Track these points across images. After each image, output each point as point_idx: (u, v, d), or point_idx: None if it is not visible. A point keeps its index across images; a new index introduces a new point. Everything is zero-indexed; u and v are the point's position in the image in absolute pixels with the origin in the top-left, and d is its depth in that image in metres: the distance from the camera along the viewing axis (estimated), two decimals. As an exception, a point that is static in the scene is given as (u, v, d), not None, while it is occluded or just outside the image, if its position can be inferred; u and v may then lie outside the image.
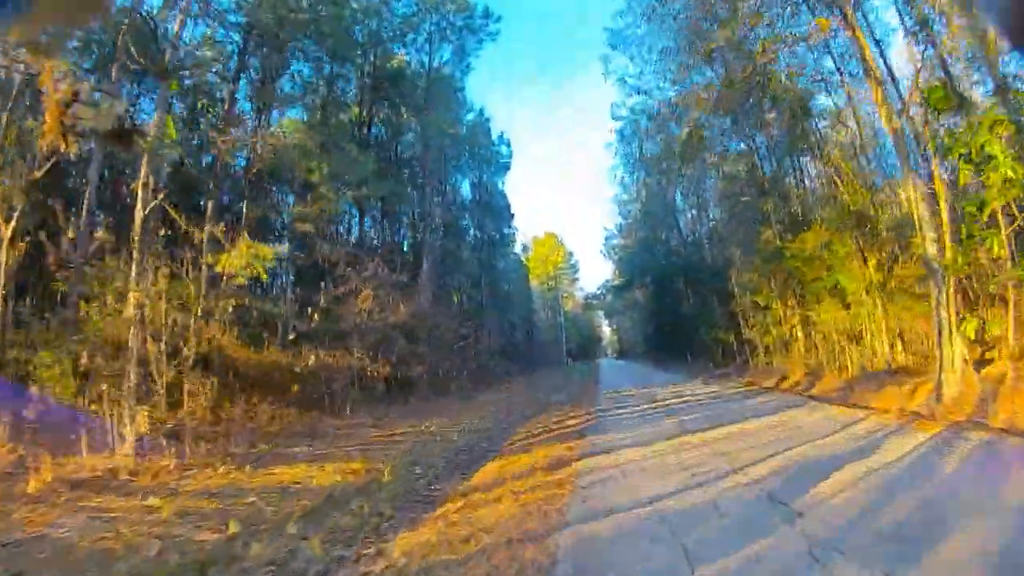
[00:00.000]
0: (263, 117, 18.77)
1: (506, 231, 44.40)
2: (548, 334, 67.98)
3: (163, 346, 10.81)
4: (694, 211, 32.99)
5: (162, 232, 12.28)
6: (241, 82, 16.52)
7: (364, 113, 23.45)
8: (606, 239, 42.90)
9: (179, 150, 12.71)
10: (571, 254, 76.66)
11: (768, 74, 13.89)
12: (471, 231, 37.54)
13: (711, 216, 30.79)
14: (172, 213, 12.00)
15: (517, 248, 52.38)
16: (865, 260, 12.25)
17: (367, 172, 15.81)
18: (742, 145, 19.42)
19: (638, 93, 19.23)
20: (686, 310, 34.29)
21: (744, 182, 21.85)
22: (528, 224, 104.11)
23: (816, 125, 16.21)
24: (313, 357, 13.15)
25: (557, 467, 6.42)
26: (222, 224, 13.57)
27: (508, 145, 39.21)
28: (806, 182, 19.55)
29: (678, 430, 8.22)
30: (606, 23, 19.15)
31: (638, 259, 36.22)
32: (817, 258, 14.01)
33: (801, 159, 18.82)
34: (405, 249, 27.97)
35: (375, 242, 24.97)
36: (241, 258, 13.10)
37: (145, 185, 12.20)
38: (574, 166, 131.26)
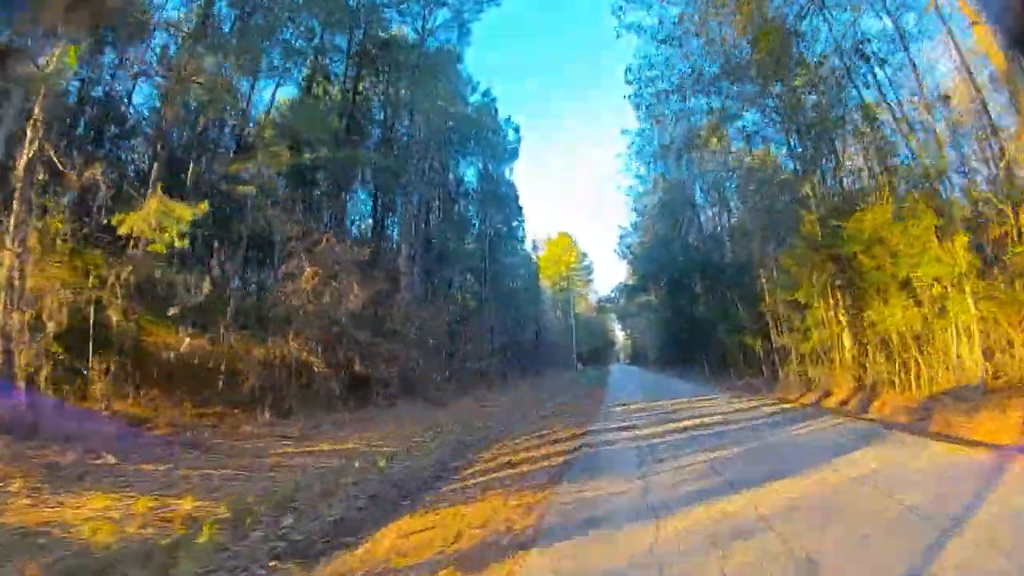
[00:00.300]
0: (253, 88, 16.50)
1: (514, 224, 41.71)
2: (559, 337, 65.11)
3: (26, 316, 8.48)
4: (715, 208, 29.88)
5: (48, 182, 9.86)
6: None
7: (352, 85, 20.92)
8: (620, 237, 39.89)
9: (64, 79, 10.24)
10: (584, 255, 73.75)
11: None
12: (475, 222, 34.87)
13: (733, 211, 27.62)
14: (55, 159, 9.52)
15: (527, 245, 49.64)
16: (951, 241, 9.19)
17: (330, 130, 13.28)
18: (774, 114, 16.33)
19: (659, 42, 16.18)
20: (704, 313, 31.11)
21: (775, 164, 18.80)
22: (541, 226, 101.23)
23: (873, 72, 13.11)
24: (241, 346, 10.55)
25: (494, 554, 3.62)
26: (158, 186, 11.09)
27: (517, 131, 36.52)
28: (846, 162, 16.44)
29: (710, 482, 5.18)
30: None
31: (655, 254, 33.16)
32: (878, 241, 10.99)
33: (845, 129, 15.69)
34: (394, 234, 25.48)
35: (356, 223, 22.45)
36: (150, 218, 10.59)
37: (34, 123, 9.81)
38: (589, 169, 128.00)
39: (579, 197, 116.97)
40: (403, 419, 11.67)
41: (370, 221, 24.16)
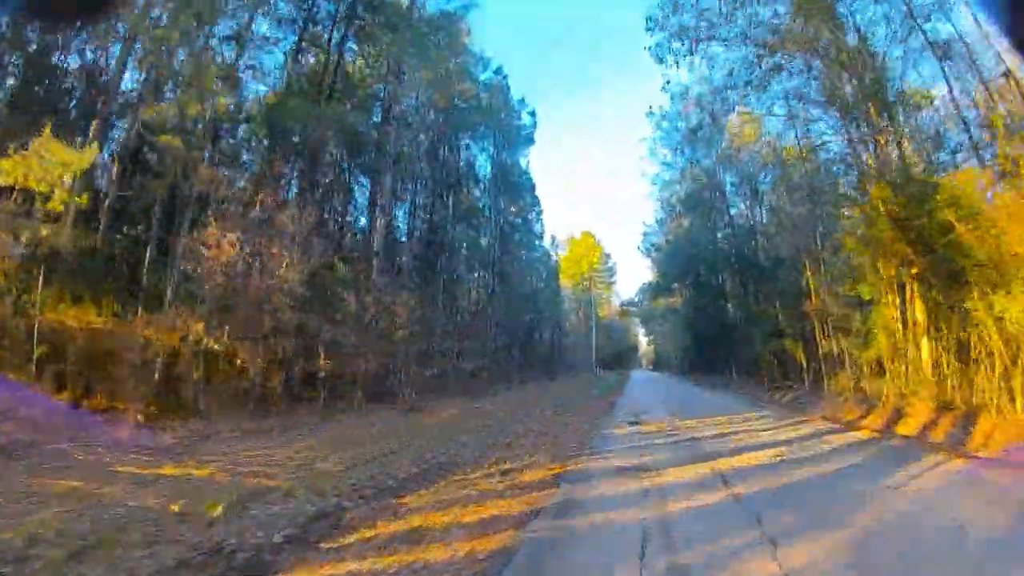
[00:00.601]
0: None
1: (530, 217, 38.97)
2: (579, 339, 62.12)
3: None
4: (747, 202, 26.62)
5: None
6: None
7: (338, 50, 18.61)
8: (644, 235, 36.69)
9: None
10: (608, 256, 70.48)
11: None
12: (488, 211, 32.23)
13: (766, 204, 24.30)
14: None
15: (546, 242, 46.84)
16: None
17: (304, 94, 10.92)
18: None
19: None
20: (734, 315, 27.93)
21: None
22: (563, 227, 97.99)
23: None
24: (123, 327, 8.21)
25: None
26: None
27: (533, 116, 33.76)
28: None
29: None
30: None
31: (680, 250, 30.03)
32: (977, 215, 7.99)
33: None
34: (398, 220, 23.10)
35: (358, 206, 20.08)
36: (28, 165, 8.36)
37: None
38: (616, 175, 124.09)
39: (604, 200, 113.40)
40: (346, 430, 9.16)
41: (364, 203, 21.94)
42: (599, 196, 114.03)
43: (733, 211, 25.20)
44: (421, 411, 12.49)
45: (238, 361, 9.52)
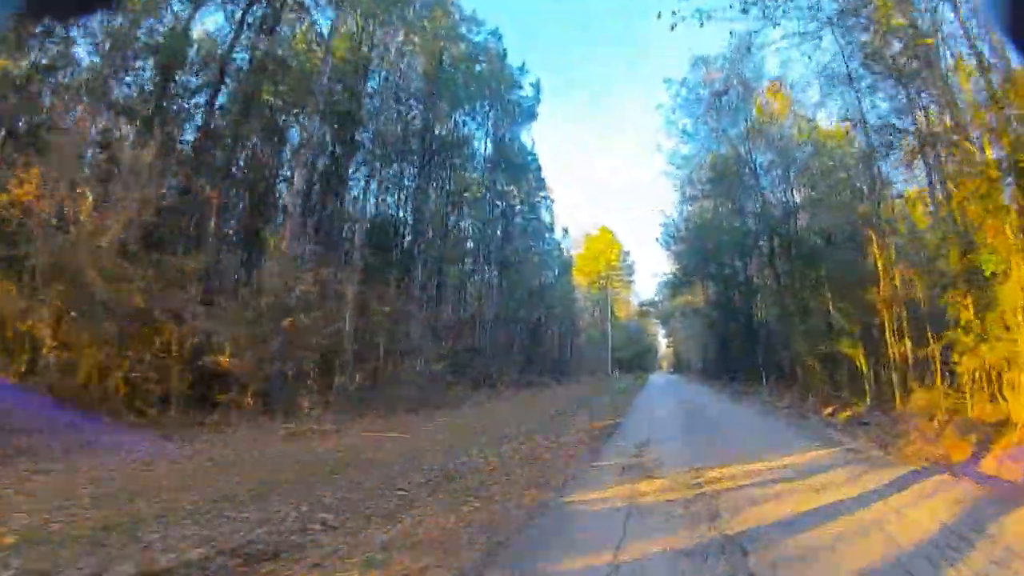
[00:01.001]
0: None
1: (535, 202, 35.16)
2: (595, 340, 58.18)
3: None
4: (781, 187, 22.44)
5: None
6: None
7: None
8: (663, 225, 32.41)
9: None
10: (627, 254, 66.24)
11: None
12: (486, 194, 28.53)
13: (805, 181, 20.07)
14: None
15: (557, 234, 42.97)
16: None
17: None
18: None
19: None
20: (764, 314, 23.84)
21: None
22: (581, 224, 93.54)
23: None
24: None
25: None
26: None
27: (537, 88, 29.94)
28: None
29: None
30: None
31: (704, 235, 25.99)
32: None
33: None
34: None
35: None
36: None
37: None
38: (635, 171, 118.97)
39: (625, 198, 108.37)
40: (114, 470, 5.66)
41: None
42: (619, 194, 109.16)
43: (765, 184, 21.03)
44: (318, 434, 8.87)
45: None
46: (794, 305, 15.91)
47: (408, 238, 19.36)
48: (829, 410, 13.19)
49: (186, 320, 9.23)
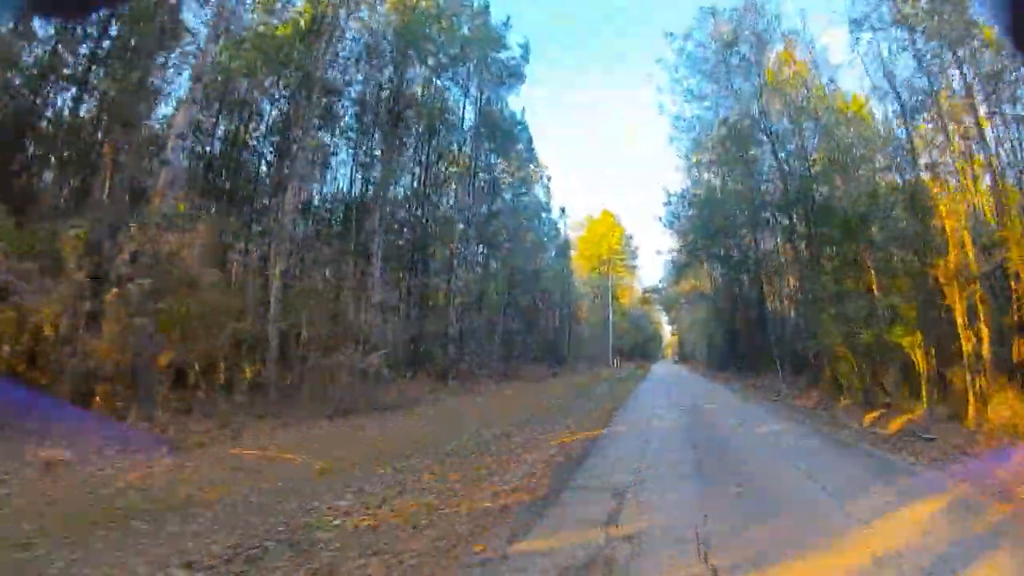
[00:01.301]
0: None
1: (525, 174, 32.05)
2: (596, 328, 55.26)
3: None
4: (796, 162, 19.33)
5: None
6: None
7: None
8: (666, 204, 29.10)
9: None
10: (630, 238, 62.85)
11: None
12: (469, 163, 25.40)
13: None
14: None
15: (554, 214, 39.86)
16: None
17: None
18: None
19: None
20: (780, 295, 20.90)
21: None
22: (581, 209, 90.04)
23: None
24: None
25: None
26: None
27: (525, 49, 26.56)
28: None
29: None
30: None
31: (713, 207, 22.95)
32: None
33: None
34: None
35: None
36: None
37: None
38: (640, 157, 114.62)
39: (627, 181, 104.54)
40: None
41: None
42: (623, 182, 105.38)
43: (789, 148, 17.90)
44: (185, 449, 6.15)
45: None
46: (824, 285, 12.86)
47: (369, 211, 16.44)
48: (872, 415, 10.32)
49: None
